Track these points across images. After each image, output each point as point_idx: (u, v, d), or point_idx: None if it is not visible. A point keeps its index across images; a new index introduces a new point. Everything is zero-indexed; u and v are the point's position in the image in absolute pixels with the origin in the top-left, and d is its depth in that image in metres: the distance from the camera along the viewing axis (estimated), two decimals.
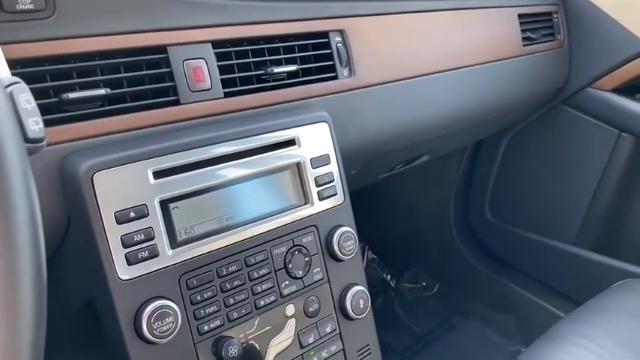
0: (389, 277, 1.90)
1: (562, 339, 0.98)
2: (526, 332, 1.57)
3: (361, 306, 0.76)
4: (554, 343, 0.97)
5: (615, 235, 1.44)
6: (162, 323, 0.58)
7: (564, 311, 1.44)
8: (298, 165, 0.72)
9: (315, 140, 0.74)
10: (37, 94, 0.48)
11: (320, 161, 0.74)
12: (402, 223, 1.91)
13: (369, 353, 0.78)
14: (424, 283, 1.86)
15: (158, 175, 0.60)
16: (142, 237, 0.59)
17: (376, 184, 1.39)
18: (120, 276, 0.58)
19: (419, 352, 1.62)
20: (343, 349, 0.75)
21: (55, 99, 0.58)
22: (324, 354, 0.73)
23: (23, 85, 0.38)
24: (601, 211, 1.41)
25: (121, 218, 0.58)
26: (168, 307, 0.59)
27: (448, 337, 1.66)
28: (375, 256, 1.93)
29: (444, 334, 1.67)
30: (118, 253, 0.58)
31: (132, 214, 0.58)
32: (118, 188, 0.58)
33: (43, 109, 0.49)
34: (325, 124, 0.75)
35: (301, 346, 0.71)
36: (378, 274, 1.89)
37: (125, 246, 0.58)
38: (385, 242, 1.96)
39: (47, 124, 0.52)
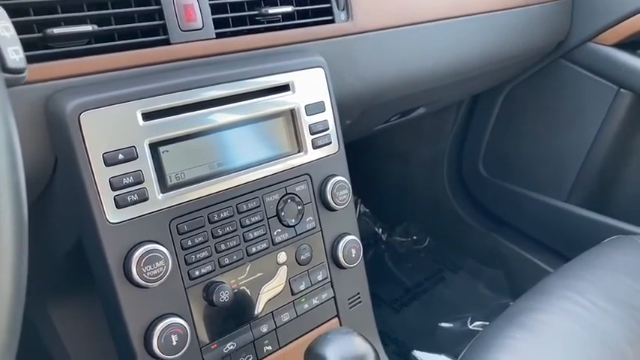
0: (380, 230, 1.91)
1: (550, 293, 0.98)
2: (515, 286, 1.59)
3: (353, 255, 0.76)
4: (542, 297, 0.98)
5: (607, 193, 1.44)
6: (152, 267, 0.57)
7: (554, 267, 1.46)
8: (292, 112, 0.70)
9: (310, 86, 0.72)
10: (20, 29, 0.45)
11: (315, 108, 0.72)
12: (395, 177, 1.91)
13: (360, 301, 0.79)
14: (415, 237, 1.87)
15: (147, 116, 0.59)
16: (131, 180, 0.57)
17: (370, 136, 1.37)
18: (109, 219, 0.57)
19: (408, 303, 1.64)
20: (334, 297, 0.76)
21: (39, 34, 0.55)
22: (315, 301, 0.73)
23: (1, 11, 0.36)
24: (595, 168, 1.41)
25: (110, 160, 0.56)
26: (159, 251, 0.58)
27: (437, 290, 1.68)
28: (367, 210, 1.94)
29: (433, 287, 1.69)
30: (107, 196, 0.56)
31: (120, 157, 0.57)
32: (106, 129, 0.56)
33: (27, 45, 0.47)
34: (321, 69, 0.73)
35: (292, 293, 0.71)
36: (369, 228, 1.90)
37: (114, 189, 0.57)
38: (378, 196, 1.96)
39: (31, 60, 0.50)
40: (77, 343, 0.80)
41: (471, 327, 1.51)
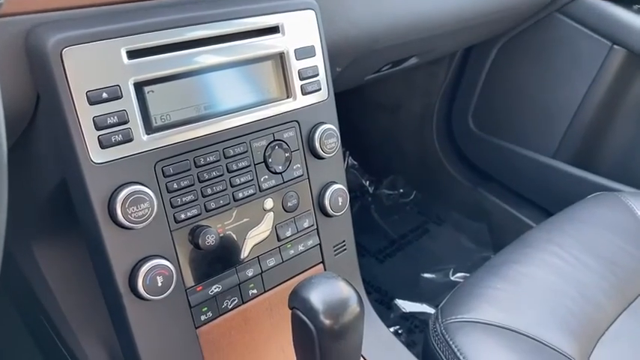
0: (368, 183, 1.92)
1: (533, 245, 1.00)
2: (497, 240, 1.62)
3: (339, 203, 0.76)
4: (525, 249, 1.00)
5: (594, 150, 1.45)
6: (137, 209, 0.57)
7: (537, 222, 1.48)
8: (281, 55, 0.68)
9: (301, 29, 0.70)
10: None
11: (304, 53, 0.70)
12: (384, 130, 1.90)
13: (345, 249, 0.79)
14: (402, 190, 1.88)
15: (132, 55, 0.57)
16: (115, 120, 0.56)
17: (361, 88, 1.36)
18: (93, 159, 0.56)
19: (392, 254, 1.67)
20: (319, 244, 0.76)
21: None
22: (301, 247, 0.74)
23: None
24: (583, 125, 1.41)
25: (93, 99, 0.55)
26: (144, 192, 0.58)
27: (421, 242, 1.70)
28: (355, 162, 1.94)
29: (417, 239, 1.72)
30: (91, 136, 0.55)
31: (104, 95, 0.55)
32: (90, 66, 0.55)
33: None
34: (312, 11, 0.70)
35: (278, 239, 0.72)
36: (357, 180, 1.91)
37: (98, 128, 0.56)
38: (366, 148, 1.95)
39: None
40: (61, 282, 0.80)
41: (452, 278, 1.54)
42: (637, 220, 1.05)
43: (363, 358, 0.75)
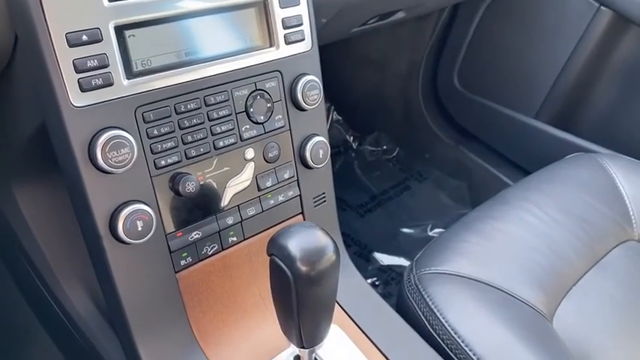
0: (352, 139, 1.92)
1: (508, 203, 1.03)
2: (476, 198, 1.65)
3: (320, 156, 0.77)
4: (501, 206, 1.02)
5: (575, 112, 1.47)
6: (117, 153, 0.57)
7: (516, 181, 1.50)
8: (265, 3, 0.68)
9: None
10: None
11: (289, 1, 0.69)
12: (369, 85, 1.90)
13: (324, 201, 0.80)
14: (385, 147, 1.89)
15: None
16: (95, 63, 0.56)
17: (347, 42, 1.35)
18: (73, 102, 0.56)
19: (373, 209, 1.69)
20: (300, 195, 0.77)
21: None
22: (281, 198, 0.75)
23: None
24: (566, 87, 1.43)
25: (73, 41, 0.54)
26: (124, 137, 0.58)
27: (402, 198, 1.73)
28: (339, 118, 1.94)
29: (398, 195, 1.74)
30: (70, 78, 0.55)
31: (84, 38, 0.55)
32: (69, 8, 0.54)
33: None
34: None
35: (259, 189, 0.72)
36: (341, 136, 1.91)
37: (78, 71, 0.55)
38: (351, 104, 1.95)
39: None
40: (42, 224, 0.80)
41: (430, 233, 1.58)
42: (611, 180, 1.08)
43: (339, 304, 0.77)
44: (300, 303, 0.57)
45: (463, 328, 0.76)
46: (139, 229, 0.60)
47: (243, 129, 0.69)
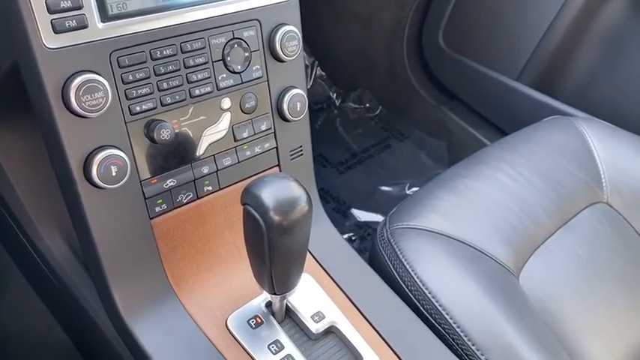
0: (335, 95, 1.92)
1: (484, 162, 1.04)
2: (455, 158, 1.66)
3: (298, 109, 0.77)
4: (476, 165, 1.04)
5: (556, 75, 1.48)
6: (91, 97, 0.57)
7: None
8: None
9: None
10: None
11: None
12: (354, 42, 1.88)
13: (301, 154, 0.81)
14: (368, 105, 1.89)
15: None
16: (68, 4, 0.55)
17: None
18: (45, 44, 0.55)
19: (353, 166, 1.71)
20: (276, 147, 0.78)
21: None
22: (257, 149, 0.75)
23: None
24: (548, 50, 1.43)
25: None
26: (98, 81, 0.57)
27: (382, 156, 1.74)
28: (323, 73, 1.92)
29: (378, 153, 1.75)
30: (43, 19, 0.54)
31: None
32: None
33: None
34: None
35: (235, 140, 0.73)
36: (324, 91, 1.90)
37: (51, 12, 0.54)
38: (335, 60, 1.94)
39: None
40: (18, 170, 0.80)
41: (407, 192, 1.60)
42: (586, 144, 1.10)
43: (312, 255, 0.79)
44: (272, 251, 0.58)
45: (431, 280, 0.79)
46: (113, 174, 0.61)
47: (219, 78, 0.68)
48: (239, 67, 0.70)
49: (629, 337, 0.89)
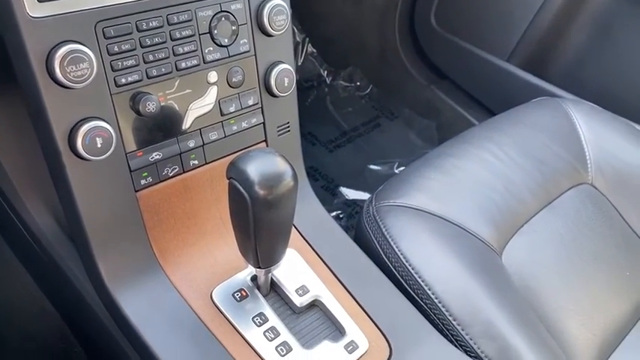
0: (325, 73, 1.91)
1: (471, 142, 1.05)
2: (443, 138, 1.67)
3: (286, 84, 0.77)
4: (462, 145, 1.04)
5: (546, 57, 1.48)
6: (75, 68, 0.57)
7: None
8: None
9: None
10: None
11: None
12: (346, 19, 1.87)
13: (288, 130, 0.81)
14: (359, 83, 1.89)
15: None
16: None
17: None
18: (30, 13, 0.55)
19: (342, 145, 1.71)
20: (263, 123, 0.78)
21: None
22: (244, 124, 0.75)
23: None
24: (539, 31, 1.43)
25: None
26: (83, 52, 0.57)
27: (372, 135, 1.75)
28: (314, 50, 1.91)
29: (368, 132, 1.76)
30: None
31: None
32: None
33: None
34: None
35: (222, 114, 0.72)
36: (315, 69, 1.90)
37: None
38: (327, 37, 1.92)
39: None
40: (2, 142, 0.80)
41: (396, 171, 1.61)
42: (572, 125, 1.11)
43: (298, 231, 0.80)
44: (257, 226, 0.59)
45: (414, 256, 0.80)
46: (99, 145, 0.61)
47: (206, 51, 0.68)
48: (226, 40, 0.70)
49: (607, 315, 0.91)
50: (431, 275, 0.78)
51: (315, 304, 0.73)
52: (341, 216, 1.48)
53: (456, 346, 0.74)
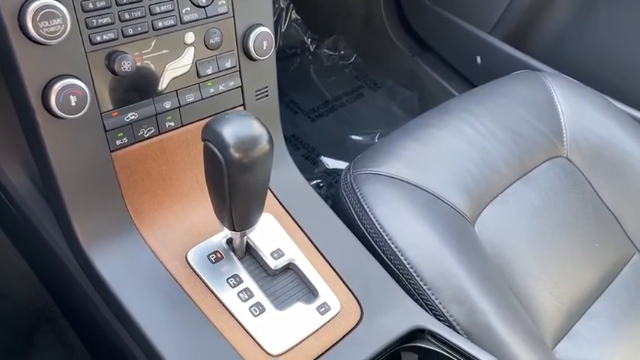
0: (309, 41, 1.89)
1: (450, 113, 1.06)
2: (425, 109, 1.67)
3: (264, 47, 0.76)
4: (441, 115, 1.05)
5: (529, 30, 1.48)
6: (49, 23, 0.56)
7: None
8: None
9: None
10: None
11: None
12: None
13: (267, 95, 0.81)
14: (342, 52, 1.88)
15: None
16: None
17: None
18: None
19: (324, 114, 1.71)
20: (241, 86, 0.77)
21: None
22: (222, 87, 0.75)
23: None
24: (523, 5, 1.43)
25: None
26: (56, 7, 0.56)
27: (354, 105, 1.75)
28: (298, 17, 1.89)
29: (351, 102, 1.75)
30: None
31: None
32: None
33: None
34: None
35: (198, 76, 0.72)
36: (299, 36, 1.88)
37: None
38: (311, 4, 1.90)
39: None
40: None
41: (377, 141, 1.61)
42: (550, 98, 1.12)
43: (274, 195, 0.81)
44: (232, 189, 0.59)
45: (389, 223, 0.81)
46: (73, 104, 0.60)
47: (183, 11, 0.67)
48: (204, 1, 0.69)
49: (574, 284, 0.94)
50: (404, 241, 0.80)
51: (289, 268, 0.74)
52: (321, 185, 1.48)
53: (425, 309, 0.76)
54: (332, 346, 0.68)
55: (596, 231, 1.01)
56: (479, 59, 1.14)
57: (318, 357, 0.67)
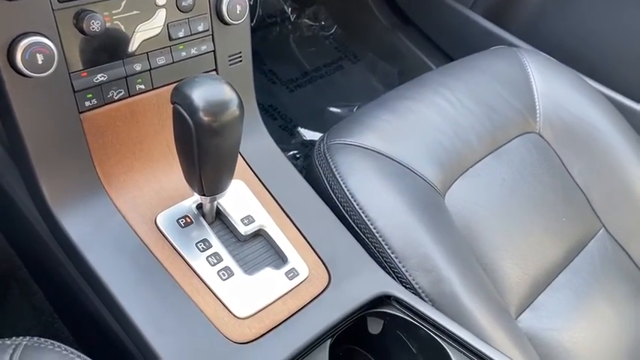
0: (290, 10, 1.87)
1: (427, 86, 1.06)
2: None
3: (238, 11, 0.75)
4: (418, 88, 1.05)
5: (509, 6, 1.48)
6: None
7: None
8: None
9: None
10: None
11: None
12: None
13: (240, 60, 0.80)
14: (323, 23, 1.86)
15: None
16: None
17: None
18: None
19: (303, 85, 1.70)
20: (214, 51, 0.76)
21: None
22: (194, 51, 0.74)
23: None
24: None
25: None
26: None
27: (333, 77, 1.74)
28: None
29: (330, 74, 1.75)
30: None
31: None
32: None
33: None
34: None
35: (170, 39, 0.71)
36: (279, 4, 1.85)
37: None
38: None
39: None
40: None
41: None
42: (525, 75, 1.13)
43: (246, 162, 0.81)
44: (201, 153, 0.59)
45: (360, 193, 0.82)
46: (39, 62, 0.59)
47: None
48: None
49: (540, 257, 0.96)
50: (374, 211, 0.81)
51: (259, 234, 0.75)
52: (298, 156, 1.48)
53: (393, 277, 0.77)
54: (299, 310, 0.69)
55: (564, 206, 1.03)
56: None
57: (285, 320, 0.68)
